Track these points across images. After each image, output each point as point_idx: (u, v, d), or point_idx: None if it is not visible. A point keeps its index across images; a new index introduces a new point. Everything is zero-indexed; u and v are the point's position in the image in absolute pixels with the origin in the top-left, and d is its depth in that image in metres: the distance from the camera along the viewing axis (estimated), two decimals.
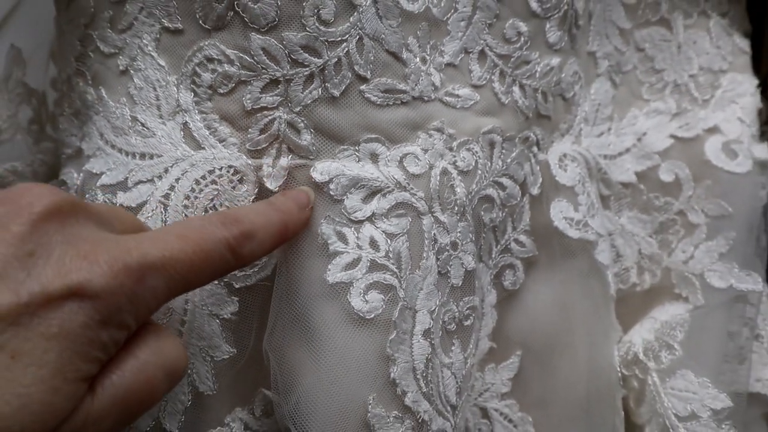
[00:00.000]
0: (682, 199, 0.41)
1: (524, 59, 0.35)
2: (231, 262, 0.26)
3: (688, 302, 0.39)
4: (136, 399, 0.23)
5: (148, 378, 0.24)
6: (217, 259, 0.25)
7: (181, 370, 0.25)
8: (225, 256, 0.25)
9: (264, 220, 0.28)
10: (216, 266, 0.25)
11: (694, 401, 0.36)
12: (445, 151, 0.33)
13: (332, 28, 0.30)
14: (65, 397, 0.21)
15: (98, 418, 0.22)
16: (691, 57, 0.42)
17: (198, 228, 0.25)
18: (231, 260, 0.26)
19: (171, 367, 0.25)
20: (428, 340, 0.31)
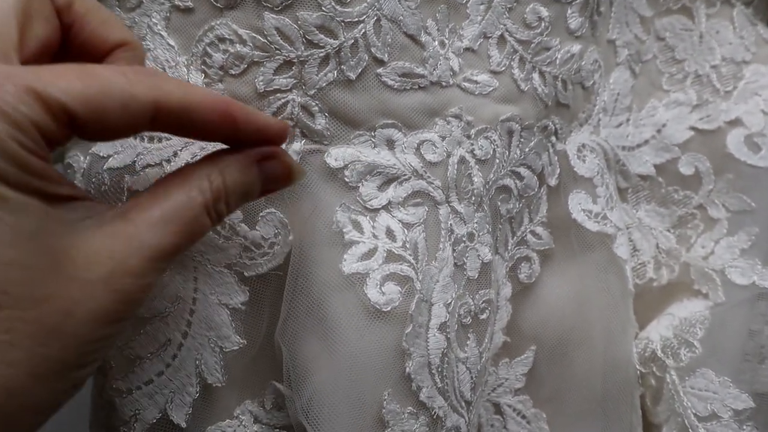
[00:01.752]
0: (702, 193, 0.40)
1: (544, 45, 0.34)
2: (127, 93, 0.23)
3: (708, 299, 0.38)
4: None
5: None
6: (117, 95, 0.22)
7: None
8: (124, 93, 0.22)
9: (189, 89, 0.24)
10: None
11: (715, 401, 0.35)
12: (463, 138, 0.32)
13: (349, 8, 0.29)
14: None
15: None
16: (714, 47, 0.41)
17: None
18: (127, 89, 0.23)
19: None
20: (444, 333, 0.30)
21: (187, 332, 0.30)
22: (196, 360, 0.30)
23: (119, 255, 0.23)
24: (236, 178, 0.26)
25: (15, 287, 0.21)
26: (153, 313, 0.29)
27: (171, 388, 0.29)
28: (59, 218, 0.22)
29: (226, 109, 0.25)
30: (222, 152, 0.26)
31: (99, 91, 0.22)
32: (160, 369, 0.29)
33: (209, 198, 0.25)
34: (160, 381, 0.29)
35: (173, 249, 0.24)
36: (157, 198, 0.24)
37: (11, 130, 0.20)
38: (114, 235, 0.23)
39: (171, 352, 0.30)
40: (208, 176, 0.25)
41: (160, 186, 0.25)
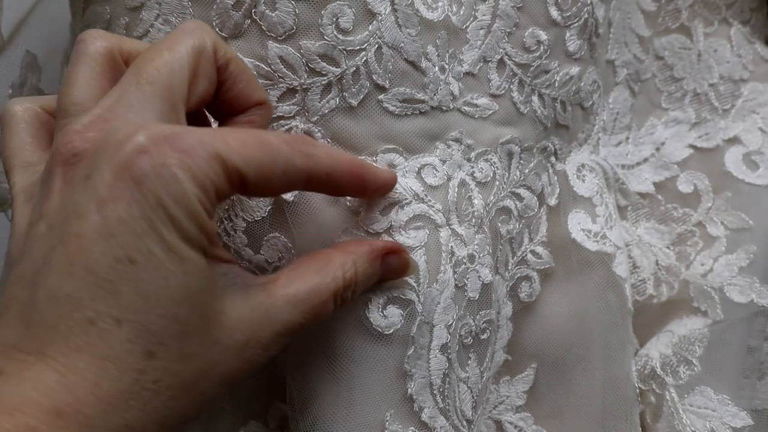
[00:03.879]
0: (701, 211, 0.40)
1: (543, 68, 0.34)
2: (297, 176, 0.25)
3: (707, 316, 0.38)
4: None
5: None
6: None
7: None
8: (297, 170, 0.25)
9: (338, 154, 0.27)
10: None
11: (714, 419, 0.35)
12: (463, 161, 0.33)
13: (351, 37, 0.30)
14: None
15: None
16: (712, 66, 0.41)
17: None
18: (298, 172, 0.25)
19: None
20: (445, 354, 0.31)
21: None
22: None
23: (256, 326, 0.24)
24: (365, 270, 0.28)
25: (172, 341, 0.22)
26: None
27: None
28: (215, 281, 0.23)
29: (359, 172, 0.27)
30: (353, 243, 0.29)
31: (270, 160, 0.24)
32: None
33: (341, 287, 0.26)
34: None
35: (299, 328, 0.25)
36: (294, 277, 0.26)
37: (199, 193, 0.22)
38: (256, 306, 0.24)
39: None
40: (343, 266, 0.27)
41: (300, 266, 0.27)
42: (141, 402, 0.21)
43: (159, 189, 0.21)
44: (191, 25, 0.26)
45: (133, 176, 0.21)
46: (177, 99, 0.24)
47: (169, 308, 0.22)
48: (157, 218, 0.21)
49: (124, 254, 0.21)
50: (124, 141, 0.22)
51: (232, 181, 0.23)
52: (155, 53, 0.25)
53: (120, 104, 0.23)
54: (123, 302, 0.21)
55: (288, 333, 0.25)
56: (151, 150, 0.21)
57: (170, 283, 0.22)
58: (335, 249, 0.28)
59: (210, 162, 0.22)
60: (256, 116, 0.28)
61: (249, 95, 0.28)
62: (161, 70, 0.24)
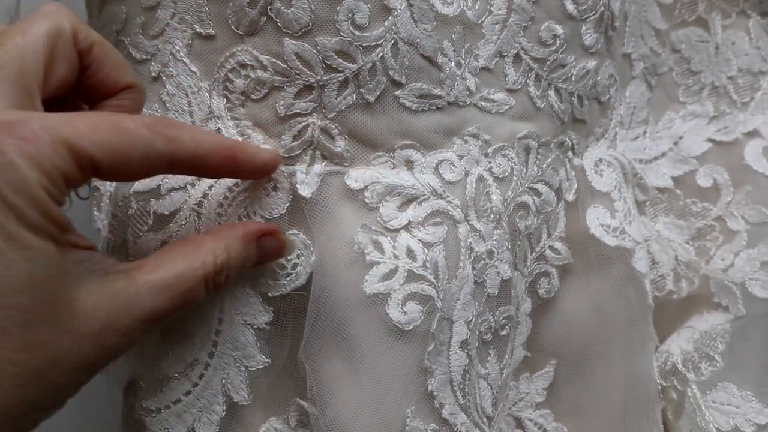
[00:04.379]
0: (720, 205, 0.40)
1: (560, 62, 0.34)
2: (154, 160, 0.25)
3: (729, 312, 0.38)
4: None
5: None
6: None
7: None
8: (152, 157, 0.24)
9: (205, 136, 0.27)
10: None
11: (737, 415, 0.35)
12: (481, 157, 0.32)
13: (367, 33, 0.30)
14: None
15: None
16: (730, 58, 0.41)
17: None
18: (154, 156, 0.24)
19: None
20: (465, 351, 0.31)
21: (213, 352, 0.30)
22: (222, 379, 0.30)
23: (115, 313, 0.24)
24: (239, 253, 0.28)
25: (15, 330, 0.21)
26: (179, 335, 0.30)
27: (198, 407, 0.30)
28: (68, 269, 0.23)
29: (230, 154, 0.27)
30: (226, 227, 0.28)
31: (126, 144, 0.23)
32: (188, 388, 0.30)
33: (210, 271, 0.26)
34: (187, 400, 0.30)
35: (164, 314, 0.25)
36: (161, 264, 0.26)
37: (42, 179, 0.22)
38: (115, 293, 0.24)
39: (198, 371, 0.30)
40: (214, 251, 0.27)
41: (167, 252, 0.26)
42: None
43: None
44: (48, 8, 0.25)
45: None
46: (31, 83, 0.24)
47: (11, 297, 0.21)
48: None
49: None
50: None
51: (83, 167, 0.22)
52: (7, 37, 0.24)
53: None
54: None
55: (153, 319, 0.25)
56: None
57: (11, 271, 0.21)
58: (207, 233, 0.28)
59: (55, 148, 0.22)
60: (126, 99, 0.28)
61: (116, 79, 0.27)
62: (12, 54, 0.24)
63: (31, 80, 0.24)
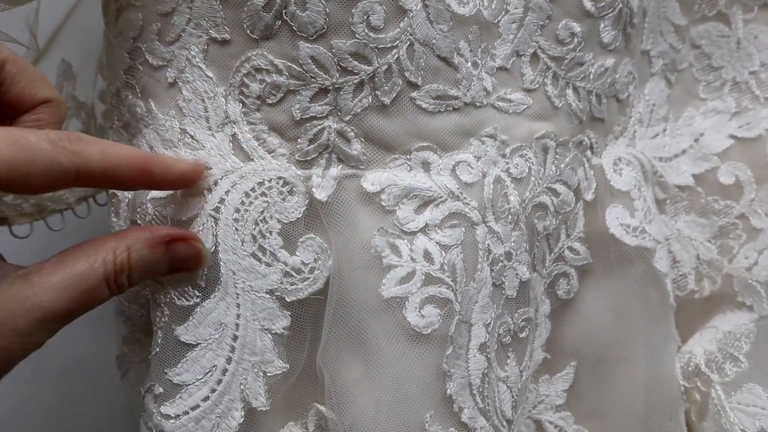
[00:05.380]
0: (743, 202, 0.39)
1: (578, 61, 0.34)
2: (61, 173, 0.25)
3: (753, 311, 0.37)
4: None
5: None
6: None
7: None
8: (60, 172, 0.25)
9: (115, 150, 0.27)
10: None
11: (763, 417, 0.34)
12: (498, 158, 0.32)
13: (382, 35, 0.30)
14: None
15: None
16: (752, 53, 0.40)
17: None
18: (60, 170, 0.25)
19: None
20: (484, 354, 0.30)
21: (231, 358, 0.30)
22: (240, 385, 0.30)
23: (9, 315, 0.24)
24: (142, 255, 0.28)
25: None
26: (197, 340, 0.30)
27: (217, 413, 0.30)
28: None
29: (143, 166, 0.27)
30: (135, 229, 0.28)
31: (26, 158, 0.24)
32: (206, 394, 0.30)
33: (111, 271, 0.26)
34: (206, 406, 0.30)
35: (66, 313, 0.25)
36: (60, 264, 0.26)
37: None
38: (10, 296, 0.24)
39: (216, 377, 0.30)
40: (114, 250, 0.27)
41: (68, 253, 0.27)
42: None
43: None
44: None
45: None
46: None
47: None
48: None
49: None
50: None
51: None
52: None
53: None
54: None
55: (54, 319, 0.25)
56: None
57: None
58: (112, 234, 0.28)
59: None
60: (44, 114, 0.28)
61: (32, 94, 0.27)
62: None
63: None
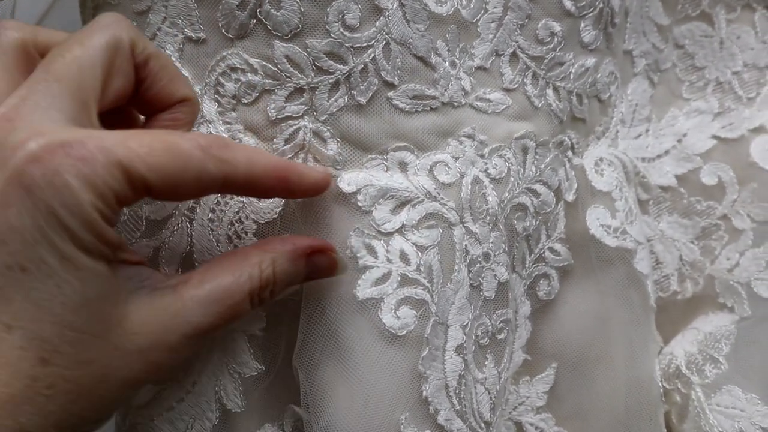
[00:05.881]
0: (725, 203, 0.39)
1: (558, 60, 0.33)
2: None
3: (734, 312, 0.37)
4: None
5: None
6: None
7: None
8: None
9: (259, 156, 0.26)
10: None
11: (742, 419, 0.34)
12: (477, 158, 0.32)
13: (357, 34, 0.29)
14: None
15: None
16: (735, 53, 0.40)
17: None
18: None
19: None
20: (461, 355, 0.30)
21: (206, 359, 0.30)
22: (215, 386, 0.30)
23: (161, 329, 0.24)
24: (286, 269, 0.27)
25: (67, 348, 0.22)
26: None
27: (191, 414, 0.30)
28: (118, 286, 0.23)
29: (282, 175, 0.26)
30: (275, 241, 0.28)
31: (179, 166, 0.23)
32: (181, 396, 0.30)
33: (256, 286, 0.26)
34: (180, 407, 0.30)
35: (211, 329, 0.25)
36: (207, 277, 0.25)
37: (96, 201, 0.22)
38: (162, 309, 0.24)
39: (191, 378, 0.30)
40: (260, 265, 0.26)
41: (214, 265, 0.26)
42: (35, 407, 0.21)
43: (50, 198, 0.21)
44: (107, 19, 0.25)
45: (23, 184, 0.21)
46: (88, 97, 0.24)
47: (63, 316, 0.21)
48: (48, 227, 0.21)
49: (15, 262, 0.21)
50: (17, 147, 0.21)
51: (135, 188, 0.22)
52: (65, 48, 0.24)
53: (26, 103, 0.23)
54: (14, 309, 0.21)
55: (199, 334, 0.24)
56: (44, 157, 0.21)
57: (64, 291, 0.21)
58: (254, 246, 0.27)
59: (109, 169, 0.22)
60: (181, 113, 0.27)
61: (171, 93, 0.27)
62: (71, 67, 0.23)
63: (89, 94, 0.24)
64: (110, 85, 0.25)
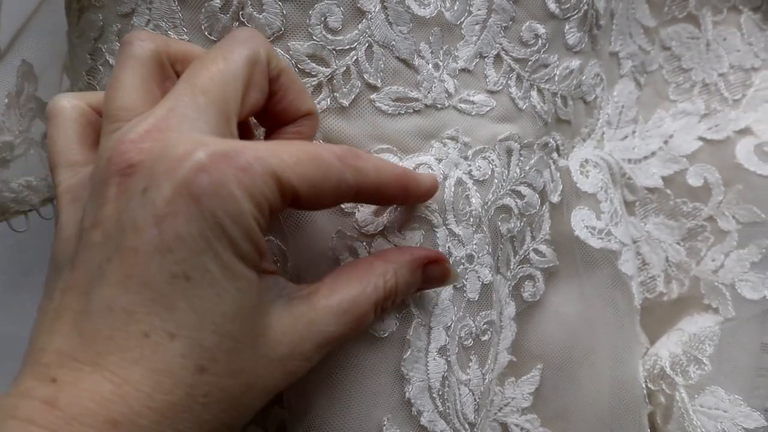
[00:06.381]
0: (711, 205, 0.39)
1: (542, 62, 0.34)
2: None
3: (718, 314, 0.37)
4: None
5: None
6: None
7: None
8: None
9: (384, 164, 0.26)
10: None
11: (725, 420, 0.34)
12: (460, 160, 0.32)
13: (340, 36, 0.30)
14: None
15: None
16: (721, 55, 0.40)
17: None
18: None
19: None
20: (444, 357, 0.30)
21: None
22: None
23: (299, 339, 0.24)
24: (406, 279, 0.27)
25: (222, 357, 0.22)
26: None
27: None
28: (264, 296, 0.24)
29: (403, 183, 0.27)
30: (394, 251, 0.28)
31: (322, 175, 0.24)
32: None
33: (381, 296, 0.26)
34: None
35: (339, 338, 0.25)
36: (336, 288, 0.26)
37: (254, 211, 0.22)
38: (299, 318, 0.24)
39: None
40: (384, 275, 0.26)
41: (341, 275, 0.26)
42: (192, 415, 0.21)
43: (217, 207, 0.21)
44: (245, 34, 0.25)
45: (191, 193, 0.21)
46: (230, 110, 0.24)
47: (222, 324, 0.22)
48: (213, 236, 0.21)
49: (181, 270, 0.21)
50: (183, 157, 0.21)
51: (285, 197, 0.23)
52: (210, 62, 0.24)
53: (174, 114, 0.23)
54: (177, 317, 0.21)
55: (330, 343, 0.25)
56: (210, 167, 0.21)
57: (224, 300, 0.22)
58: (376, 257, 0.27)
59: (266, 179, 0.22)
60: (305, 127, 0.28)
61: (298, 107, 0.27)
62: (215, 80, 0.24)
63: (231, 107, 0.24)
64: (248, 99, 0.25)
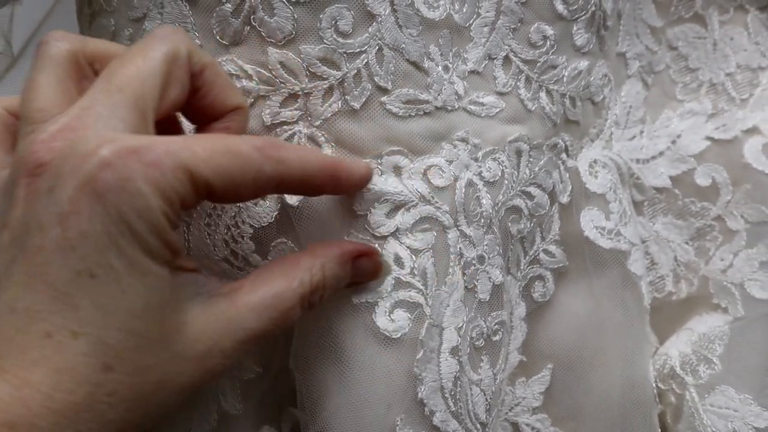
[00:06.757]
0: (719, 204, 0.39)
1: (551, 64, 0.34)
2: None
3: (728, 313, 0.37)
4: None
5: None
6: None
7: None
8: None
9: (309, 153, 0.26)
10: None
11: (736, 419, 0.34)
12: (471, 161, 0.32)
13: (350, 40, 0.30)
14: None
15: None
16: (728, 54, 0.40)
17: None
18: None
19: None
20: (456, 357, 0.30)
21: None
22: (213, 388, 0.30)
23: (218, 336, 0.24)
24: (335, 273, 0.27)
25: (129, 354, 0.22)
26: None
27: (190, 418, 0.30)
28: (179, 293, 0.23)
29: (332, 172, 0.27)
30: (323, 246, 0.28)
31: (239, 168, 0.23)
32: None
33: (307, 291, 0.26)
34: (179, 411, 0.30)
35: (263, 334, 0.25)
36: (259, 284, 0.25)
37: (163, 206, 0.22)
38: (218, 316, 0.24)
39: None
40: (311, 270, 0.26)
41: (265, 271, 0.26)
42: (95, 414, 0.21)
43: (122, 203, 0.21)
44: (165, 31, 0.25)
45: (95, 190, 0.21)
46: (147, 107, 0.24)
47: (127, 321, 0.21)
48: (118, 232, 0.21)
49: (85, 267, 0.21)
50: (88, 154, 0.21)
51: (198, 191, 0.23)
52: (127, 59, 0.24)
53: (88, 113, 0.23)
54: (81, 316, 0.21)
55: (251, 340, 0.25)
56: (116, 163, 0.21)
57: (129, 296, 0.21)
58: (303, 252, 0.27)
59: (177, 173, 0.22)
60: (233, 122, 0.28)
61: (224, 101, 0.27)
62: (132, 77, 0.24)
63: (148, 104, 0.24)
64: (167, 95, 0.25)
